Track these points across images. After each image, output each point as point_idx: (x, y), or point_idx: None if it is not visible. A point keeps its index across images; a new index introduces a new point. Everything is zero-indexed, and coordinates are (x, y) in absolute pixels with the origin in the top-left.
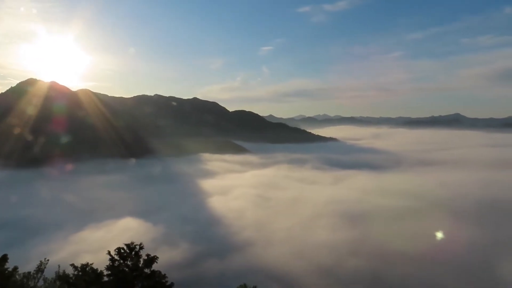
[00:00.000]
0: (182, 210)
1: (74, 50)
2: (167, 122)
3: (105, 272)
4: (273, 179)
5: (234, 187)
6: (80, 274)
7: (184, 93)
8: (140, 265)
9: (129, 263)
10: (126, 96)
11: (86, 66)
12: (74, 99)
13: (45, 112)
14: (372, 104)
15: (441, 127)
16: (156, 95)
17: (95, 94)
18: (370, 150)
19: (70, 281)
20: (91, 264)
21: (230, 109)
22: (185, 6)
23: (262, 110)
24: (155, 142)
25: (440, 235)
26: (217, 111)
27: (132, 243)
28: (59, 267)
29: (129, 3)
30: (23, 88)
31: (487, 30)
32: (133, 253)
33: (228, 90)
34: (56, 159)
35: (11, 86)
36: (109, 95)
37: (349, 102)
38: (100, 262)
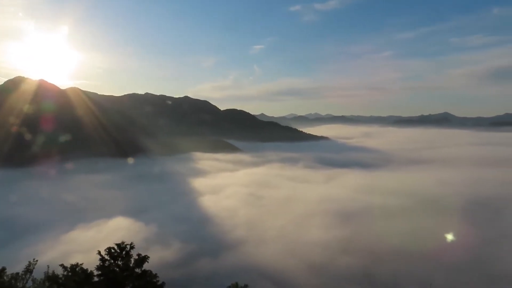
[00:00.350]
0: (174, 209)
1: (64, 48)
2: (158, 121)
3: (95, 272)
4: (265, 178)
5: (226, 186)
6: (69, 274)
7: (175, 91)
8: (131, 265)
9: (119, 263)
10: (117, 94)
11: (76, 64)
12: (63, 98)
13: (33, 110)
14: (362, 103)
15: (430, 126)
16: (147, 94)
17: (85, 93)
18: (361, 149)
19: (60, 281)
20: (81, 264)
21: (222, 107)
22: (176, 3)
23: (253, 109)
24: (146, 141)
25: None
26: (208, 110)
27: (122, 243)
28: (48, 268)
29: (120, 1)
30: (11, 86)
31: (476, 30)
32: (123, 253)
33: (219, 89)
34: (45, 158)
35: None
36: (99, 94)
37: (340, 101)
38: (91, 262)
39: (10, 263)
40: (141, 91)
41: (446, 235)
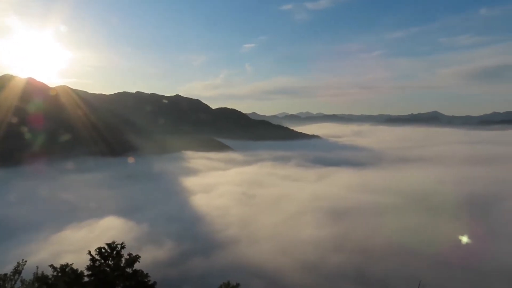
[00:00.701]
0: (166, 208)
1: (53, 46)
2: (149, 120)
3: (85, 272)
4: (256, 177)
5: (218, 185)
6: (59, 275)
7: (166, 90)
8: (121, 264)
9: (110, 263)
10: (107, 93)
11: (66, 62)
12: (52, 96)
13: (21, 109)
14: (353, 101)
15: (420, 125)
16: (137, 92)
17: (75, 91)
18: (352, 148)
19: (49, 282)
20: (71, 264)
21: (213, 106)
22: (167, 1)
23: (245, 108)
24: (137, 140)
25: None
26: (200, 109)
27: (113, 243)
28: (38, 268)
29: None
30: None
31: (464, 30)
32: (114, 252)
33: (210, 88)
34: (34, 158)
35: None
36: (89, 92)
37: (331, 99)
38: (82, 262)
39: None
40: (131, 90)
41: (437, 233)
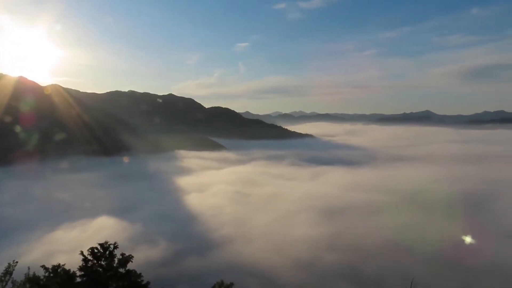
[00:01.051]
0: (159, 208)
1: (44, 44)
2: (142, 119)
3: (78, 273)
4: (250, 176)
5: (212, 184)
6: (51, 275)
7: (159, 89)
8: (114, 265)
9: (103, 263)
10: (99, 92)
11: (57, 61)
12: (43, 95)
13: (13, 108)
14: (346, 101)
15: (412, 124)
16: (130, 91)
17: (66, 90)
18: (345, 146)
19: (41, 283)
20: (63, 265)
21: (206, 105)
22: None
23: (238, 107)
24: (130, 139)
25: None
26: (193, 108)
27: (106, 243)
28: (29, 269)
29: None
30: None
31: (457, 30)
32: (107, 252)
33: (204, 87)
34: (26, 157)
35: None
36: (81, 91)
37: (324, 99)
38: (75, 262)
39: None
40: (124, 89)
41: (430, 231)
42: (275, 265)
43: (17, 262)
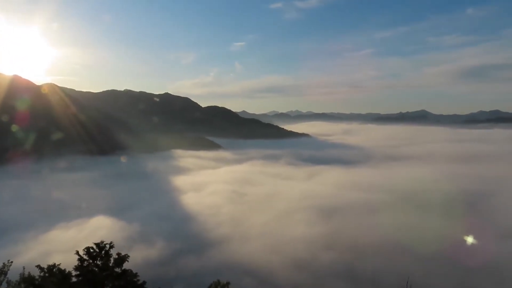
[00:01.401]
0: (156, 207)
1: (39, 42)
2: (138, 118)
3: (73, 272)
4: (247, 175)
5: (208, 184)
6: (46, 275)
7: (155, 88)
8: (110, 264)
9: (98, 263)
10: (95, 91)
11: (52, 59)
12: (38, 94)
13: (7, 106)
14: (343, 100)
15: (408, 123)
16: (126, 90)
17: (62, 89)
18: (342, 146)
19: (36, 283)
20: (59, 264)
21: (203, 104)
22: None
23: (235, 106)
24: (126, 139)
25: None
26: (189, 107)
27: (101, 242)
28: (24, 269)
29: None
30: None
31: (452, 30)
32: (103, 252)
33: (200, 86)
34: (21, 157)
35: None
36: (76, 90)
37: (320, 98)
38: (71, 262)
39: None
40: (120, 88)
41: (426, 230)
42: (272, 264)
43: (12, 262)
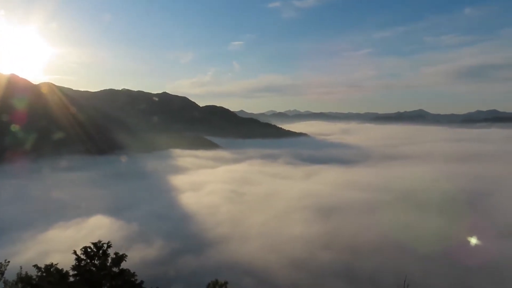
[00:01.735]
0: (155, 207)
1: (36, 41)
2: (136, 117)
3: (71, 272)
4: (245, 175)
5: (207, 183)
6: (43, 275)
7: (153, 87)
8: (108, 264)
9: (96, 263)
10: (93, 90)
11: (50, 58)
12: (36, 93)
13: (4, 106)
14: (341, 100)
15: (406, 123)
16: (124, 89)
17: (59, 88)
18: (340, 145)
19: (33, 282)
20: (56, 264)
21: (201, 104)
22: None
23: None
24: (124, 138)
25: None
26: (187, 106)
27: (99, 242)
28: (21, 269)
29: None
30: None
31: (449, 30)
32: (100, 252)
33: (198, 85)
34: (18, 156)
35: None
36: (74, 89)
37: (318, 97)
38: (69, 261)
39: None
40: (118, 87)
41: (425, 229)
42: (271, 263)
43: (9, 261)
